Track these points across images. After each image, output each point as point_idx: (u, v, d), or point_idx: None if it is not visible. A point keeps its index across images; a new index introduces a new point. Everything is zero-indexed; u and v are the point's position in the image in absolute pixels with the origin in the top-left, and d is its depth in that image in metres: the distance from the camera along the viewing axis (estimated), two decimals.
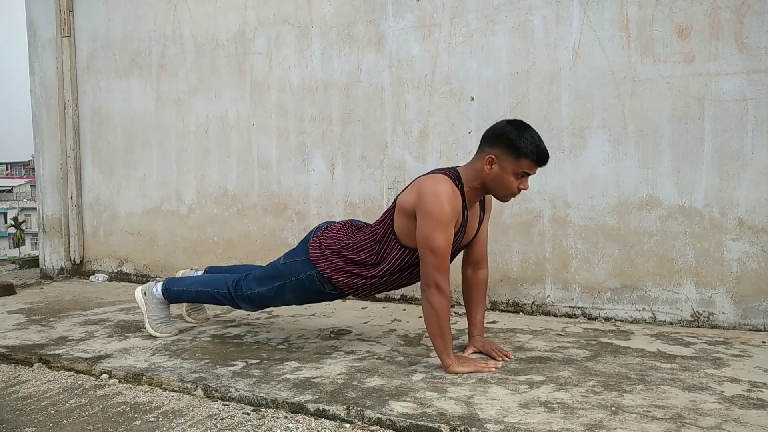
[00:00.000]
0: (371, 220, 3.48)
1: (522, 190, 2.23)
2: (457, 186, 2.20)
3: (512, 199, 2.31)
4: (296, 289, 2.46)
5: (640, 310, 2.93)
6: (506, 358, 2.34)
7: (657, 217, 2.87)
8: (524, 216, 3.14)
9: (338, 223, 2.52)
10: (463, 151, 3.22)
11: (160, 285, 2.74)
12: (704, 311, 2.82)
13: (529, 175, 2.20)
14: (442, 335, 2.18)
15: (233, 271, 2.84)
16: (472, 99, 3.21)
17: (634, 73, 2.89)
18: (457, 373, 2.18)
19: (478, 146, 2.26)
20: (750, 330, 2.74)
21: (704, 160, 2.78)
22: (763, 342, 2.56)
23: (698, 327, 2.82)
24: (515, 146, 2.13)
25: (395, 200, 2.31)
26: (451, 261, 2.26)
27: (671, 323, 2.87)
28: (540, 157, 2.16)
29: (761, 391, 1.98)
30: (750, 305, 2.74)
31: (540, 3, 3.05)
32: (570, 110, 3.01)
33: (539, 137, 2.17)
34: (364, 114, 3.49)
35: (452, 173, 2.23)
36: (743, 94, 2.71)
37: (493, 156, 2.16)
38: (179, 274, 3.00)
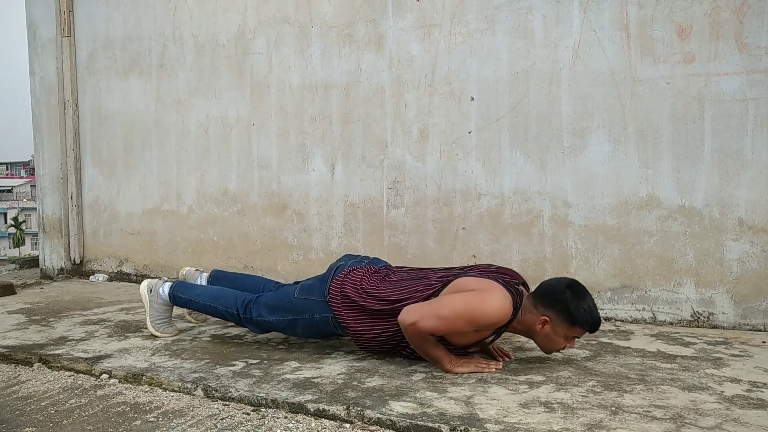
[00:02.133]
0: (371, 220, 3.50)
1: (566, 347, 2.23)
2: (511, 319, 2.16)
3: (512, 197, 2.31)
4: (308, 326, 2.43)
5: (640, 310, 2.93)
6: (506, 358, 2.34)
7: (657, 217, 2.87)
8: (524, 216, 3.14)
9: (361, 268, 2.41)
10: (463, 151, 3.23)
11: (167, 287, 2.73)
12: (704, 311, 2.82)
13: (578, 337, 2.21)
14: (428, 355, 2.21)
15: (241, 281, 2.82)
16: (472, 99, 3.21)
17: (634, 73, 2.89)
18: (457, 373, 2.18)
19: (531, 295, 2.22)
20: (750, 330, 2.74)
21: (704, 160, 2.78)
22: (763, 342, 2.56)
23: (698, 327, 2.82)
24: (572, 316, 2.12)
25: (451, 278, 2.24)
26: (459, 350, 2.26)
27: (671, 323, 2.87)
28: (593, 327, 2.16)
29: (761, 391, 1.98)
30: (750, 305, 2.74)
31: (540, 3, 3.05)
32: (570, 110, 3.01)
33: (595, 305, 2.16)
34: (364, 114, 3.49)
35: (517, 304, 2.15)
36: (743, 94, 2.71)
37: (547, 318, 2.15)
38: (183, 272, 3.00)
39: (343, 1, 3.52)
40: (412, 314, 2.14)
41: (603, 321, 2.96)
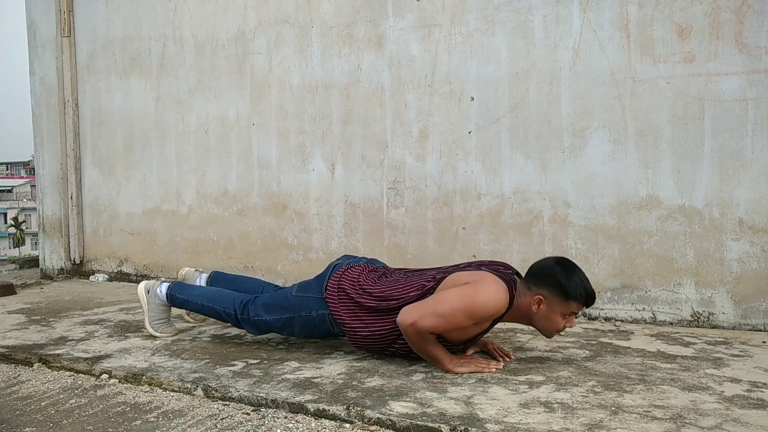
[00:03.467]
0: (371, 220, 3.50)
1: (567, 328, 2.23)
2: (508, 307, 2.16)
3: (512, 197, 2.31)
4: (305, 325, 2.43)
5: (640, 310, 2.93)
6: (506, 358, 2.34)
7: (657, 217, 2.87)
8: (524, 216, 3.14)
9: (358, 266, 2.42)
10: (463, 151, 3.23)
11: (165, 287, 2.73)
12: (704, 311, 2.82)
13: (576, 314, 2.21)
14: (428, 355, 2.21)
15: (240, 282, 2.82)
16: (472, 99, 3.21)
17: (634, 73, 2.89)
18: (457, 373, 2.18)
19: (524, 278, 2.24)
20: (750, 330, 2.74)
21: (704, 160, 2.78)
22: (763, 342, 2.56)
23: (698, 327, 2.82)
24: (565, 290, 2.13)
25: (446, 274, 2.24)
26: (458, 345, 2.27)
27: (671, 323, 2.87)
28: (588, 299, 2.17)
29: (761, 391, 1.98)
30: (750, 305, 2.74)
31: (540, 3, 3.05)
32: (570, 110, 3.01)
33: (586, 278, 2.17)
34: (364, 114, 3.49)
35: (512, 291, 2.16)
36: (743, 94, 2.71)
37: (541, 297, 2.16)
38: (182, 272, 3.00)
39: (343, 1, 3.52)
40: (411, 314, 2.14)
41: (603, 321, 2.97)
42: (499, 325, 2.88)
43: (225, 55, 3.91)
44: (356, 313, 2.31)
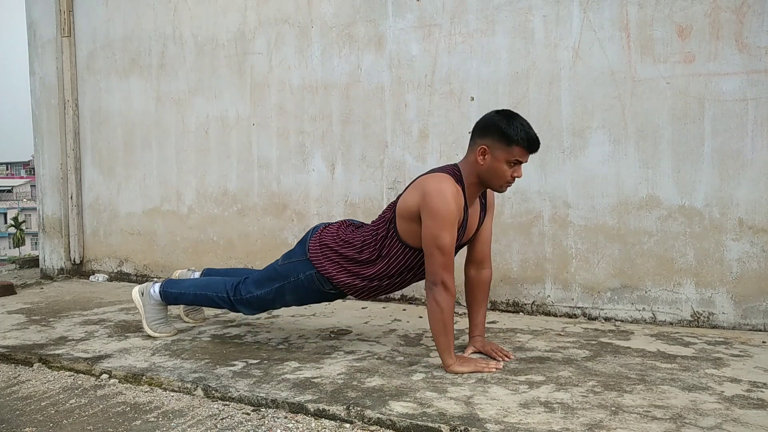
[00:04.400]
0: (371, 220, 3.49)
1: (516, 178, 2.24)
2: (459, 183, 2.20)
3: (512, 197, 2.31)
4: (295, 290, 2.45)
5: (640, 310, 2.93)
6: (506, 359, 2.34)
7: (657, 217, 2.87)
8: (524, 216, 3.14)
9: (336, 222, 2.52)
10: (463, 152, 3.21)
11: (157, 286, 2.73)
12: (704, 311, 2.82)
13: (521, 162, 2.21)
14: (446, 333, 2.19)
15: (231, 274, 2.83)
16: (472, 99, 3.21)
17: (634, 73, 2.88)
18: (457, 373, 2.18)
19: (470, 139, 2.27)
20: (750, 330, 2.74)
21: (704, 160, 2.78)
22: (763, 342, 2.56)
23: (698, 327, 2.82)
24: (506, 134, 2.15)
25: (396, 200, 2.31)
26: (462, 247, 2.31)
27: (671, 323, 2.87)
28: (531, 143, 2.17)
29: (761, 391, 1.98)
30: (750, 305, 2.74)
31: (540, 3, 3.05)
32: (570, 110, 3.01)
33: (529, 125, 2.18)
34: (364, 114, 3.49)
35: (453, 171, 2.23)
36: (743, 94, 2.71)
37: (485, 146, 2.18)
38: (176, 275, 3.00)
39: (343, 1, 3.52)
40: (432, 277, 2.16)
41: (603, 321, 2.97)
42: (499, 325, 2.88)
43: (225, 55, 3.91)
44: (341, 264, 2.37)
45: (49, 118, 4.52)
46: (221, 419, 1.91)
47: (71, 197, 4.47)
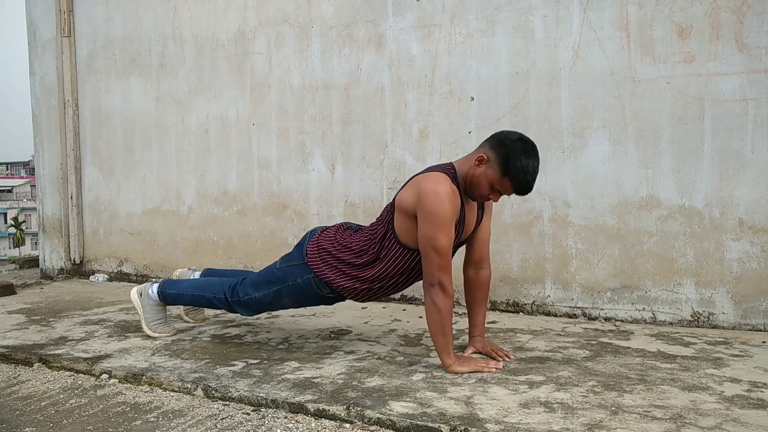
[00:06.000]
0: (371, 220, 3.49)
1: (490, 198, 2.24)
2: (455, 183, 2.20)
3: (512, 197, 2.31)
4: (293, 293, 2.45)
5: (640, 310, 2.93)
6: (506, 359, 2.34)
7: (657, 217, 2.87)
8: (524, 216, 3.14)
9: (333, 226, 2.51)
10: (463, 152, 3.22)
11: (156, 287, 2.73)
12: (704, 311, 2.82)
13: (502, 194, 2.21)
14: (444, 334, 2.18)
15: (231, 275, 2.83)
16: (472, 99, 3.21)
17: (634, 73, 2.88)
18: (457, 373, 2.18)
19: (481, 141, 2.27)
20: (750, 330, 2.74)
21: (704, 160, 2.78)
22: (763, 342, 2.56)
23: (698, 327, 2.82)
24: (507, 165, 2.13)
25: (394, 200, 2.31)
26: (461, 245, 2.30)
27: (671, 323, 2.87)
28: (521, 188, 2.16)
29: (761, 391, 1.98)
30: (750, 305, 2.74)
31: (540, 3, 3.05)
32: (570, 110, 3.01)
33: (535, 170, 2.15)
34: (364, 114, 3.49)
35: (449, 171, 2.23)
36: (743, 94, 2.71)
37: (485, 156, 2.17)
38: (176, 274, 3.00)
39: (343, 1, 3.52)
40: (428, 278, 2.16)
41: (603, 321, 2.97)
42: (499, 325, 2.88)
43: (225, 55, 3.91)
44: (339, 268, 2.36)
45: (49, 118, 4.52)
46: (221, 419, 1.91)
47: (71, 197, 4.47)
